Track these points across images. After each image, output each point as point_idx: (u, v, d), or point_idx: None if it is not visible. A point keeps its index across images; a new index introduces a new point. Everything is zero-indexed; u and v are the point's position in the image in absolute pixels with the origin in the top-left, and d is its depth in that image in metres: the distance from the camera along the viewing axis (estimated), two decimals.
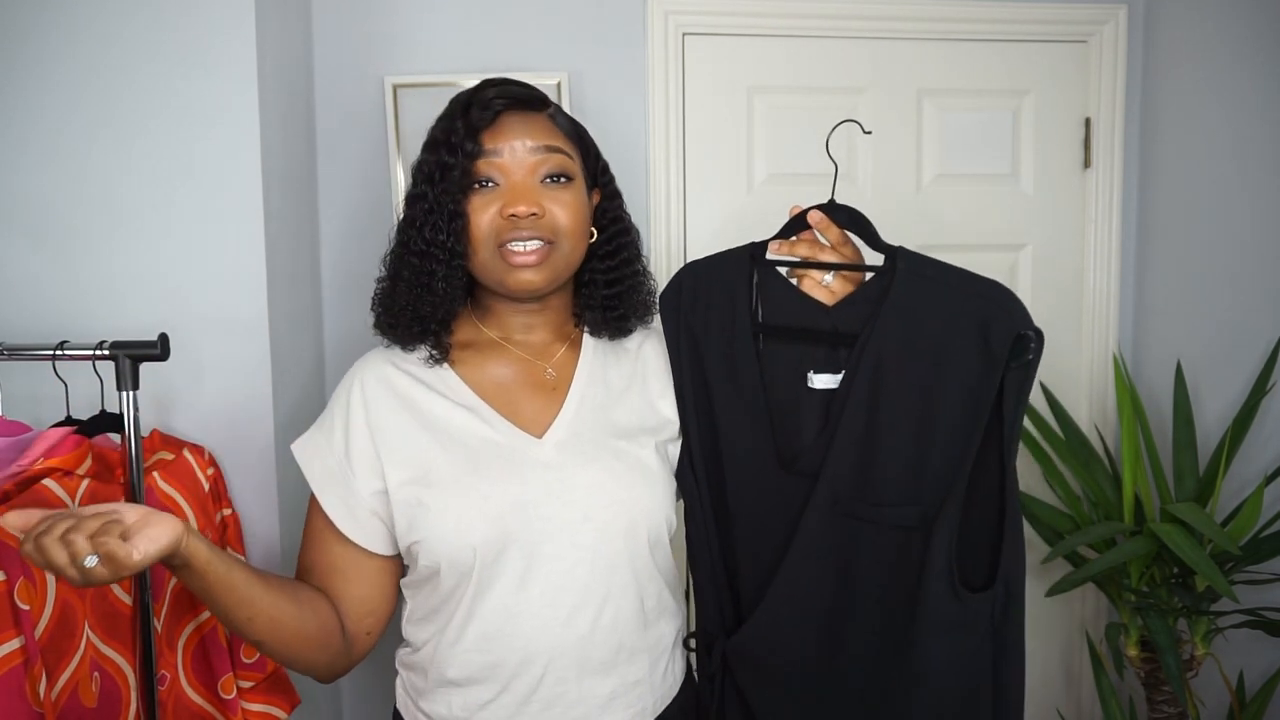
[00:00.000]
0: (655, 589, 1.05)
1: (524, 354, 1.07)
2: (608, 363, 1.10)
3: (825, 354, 1.00)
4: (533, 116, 1.01)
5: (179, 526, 0.81)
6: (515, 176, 0.99)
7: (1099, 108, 1.93)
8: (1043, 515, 1.76)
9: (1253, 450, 1.67)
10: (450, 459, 0.98)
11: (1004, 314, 0.90)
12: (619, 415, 1.06)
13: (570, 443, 1.02)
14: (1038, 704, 2.05)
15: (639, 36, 1.80)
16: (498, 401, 1.03)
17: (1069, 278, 1.97)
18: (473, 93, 1.01)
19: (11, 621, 0.95)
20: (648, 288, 1.12)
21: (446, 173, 0.97)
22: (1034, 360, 0.89)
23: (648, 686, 1.04)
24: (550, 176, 1.00)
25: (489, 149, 0.98)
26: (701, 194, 1.85)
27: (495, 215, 0.98)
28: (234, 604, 0.89)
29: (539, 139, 1.00)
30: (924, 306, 0.94)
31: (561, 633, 0.98)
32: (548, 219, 0.99)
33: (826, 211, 1.04)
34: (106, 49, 1.32)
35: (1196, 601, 1.57)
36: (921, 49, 1.88)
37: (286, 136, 1.52)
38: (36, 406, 1.26)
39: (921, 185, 1.91)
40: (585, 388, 1.06)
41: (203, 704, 1.27)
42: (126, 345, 1.14)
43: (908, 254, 0.96)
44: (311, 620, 0.97)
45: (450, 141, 0.98)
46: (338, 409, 1.03)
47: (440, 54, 1.74)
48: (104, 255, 1.34)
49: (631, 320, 1.11)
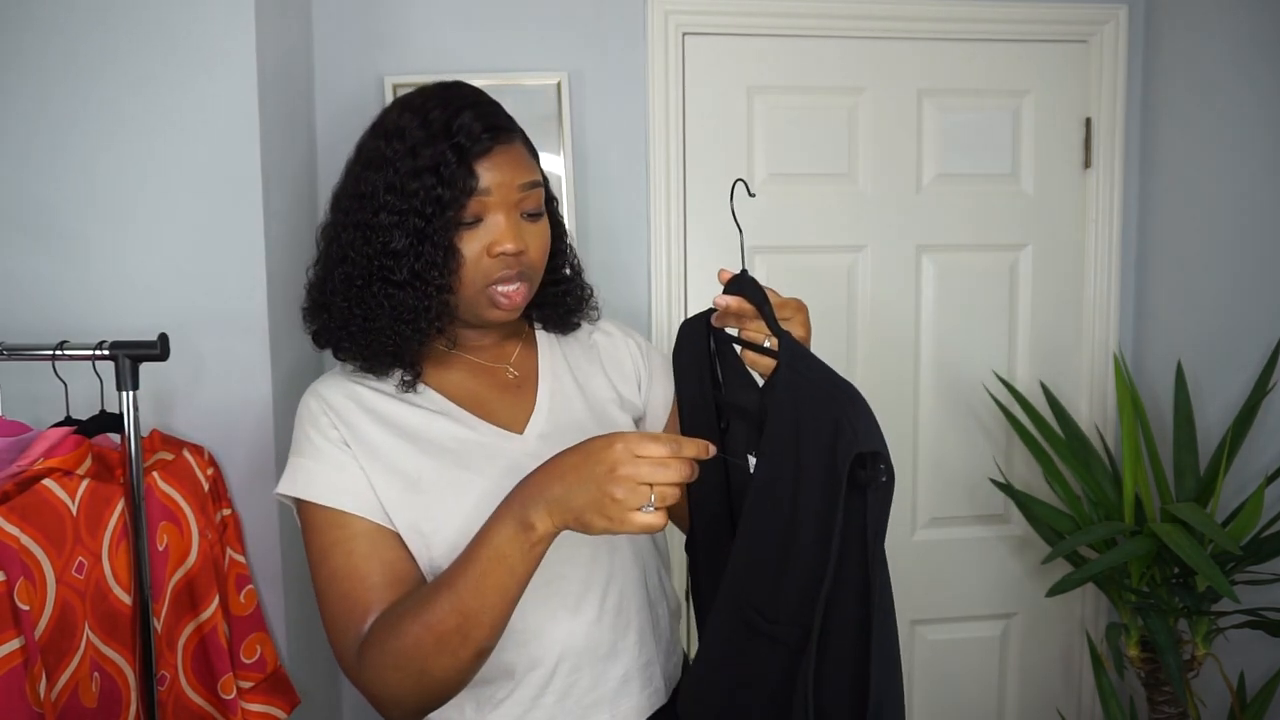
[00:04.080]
0: (655, 566, 1.07)
1: (481, 359, 1.07)
2: (566, 351, 1.12)
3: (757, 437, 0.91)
4: (514, 149, 0.99)
5: None
6: (500, 214, 0.97)
7: (1099, 108, 1.93)
8: (1043, 515, 1.76)
9: (1253, 450, 1.67)
10: (437, 463, 0.97)
11: (849, 429, 0.77)
12: (590, 397, 1.08)
13: (553, 433, 1.02)
14: (1038, 704, 2.05)
15: (639, 36, 1.80)
16: (470, 405, 1.03)
17: (1069, 278, 1.97)
18: (449, 113, 0.96)
19: (11, 621, 0.95)
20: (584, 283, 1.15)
21: (441, 207, 0.94)
22: (887, 484, 0.77)
23: (659, 666, 1.05)
24: (528, 212, 0.99)
25: (482, 187, 0.95)
26: (701, 194, 1.85)
27: (482, 253, 0.97)
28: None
29: (523, 175, 0.98)
30: (796, 408, 0.84)
31: (570, 621, 0.98)
32: (527, 255, 0.99)
33: (731, 283, 0.93)
34: (106, 49, 1.32)
35: (1197, 601, 1.57)
36: (921, 49, 1.88)
37: (286, 136, 1.52)
38: (36, 406, 1.26)
39: (921, 185, 1.91)
40: (553, 380, 1.08)
41: (202, 704, 1.27)
42: (126, 345, 1.14)
43: (788, 343, 0.86)
44: None
45: (440, 171, 0.94)
46: (311, 432, 0.98)
47: (440, 54, 1.74)
48: (104, 255, 1.34)
49: (580, 313, 1.14)
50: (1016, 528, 1.99)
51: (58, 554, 1.06)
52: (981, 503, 1.98)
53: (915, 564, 1.97)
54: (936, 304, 1.94)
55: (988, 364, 1.95)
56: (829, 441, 0.78)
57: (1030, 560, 1.99)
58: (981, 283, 1.95)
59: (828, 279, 1.88)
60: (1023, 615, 2.03)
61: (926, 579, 1.98)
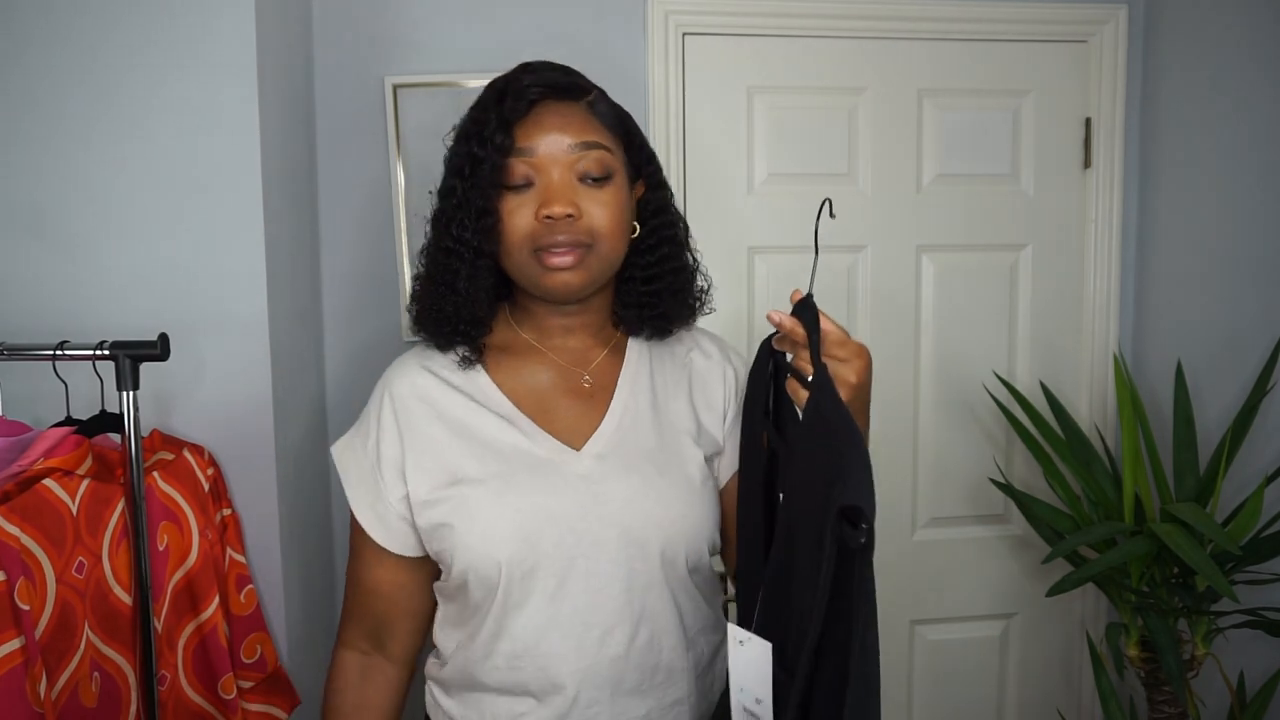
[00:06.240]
0: (693, 607, 1.00)
1: (561, 360, 1.02)
2: (654, 369, 1.04)
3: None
4: (570, 107, 0.94)
5: None
6: (551, 175, 0.92)
7: (1099, 108, 1.93)
8: (1043, 515, 1.76)
9: (1253, 450, 1.67)
10: (482, 468, 0.95)
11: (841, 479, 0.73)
12: (664, 423, 1.01)
13: (610, 456, 0.97)
14: (1038, 704, 2.05)
15: (639, 37, 1.80)
16: (534, 410, 0.99)
17: (1069, 278, 1.97)
18: (508, 78, 0.95)
19: (11, 621, 0.95)
20: (695, 284, 1.05)
21: (476, 167, 0.92)
22: (866, 546, 0.72)
23: (687, 706, 1.00)
24: (588, 175, 0.93)
25: (522, 146, 0.92)
26: (701, 194, 1.85)
27: (530, 217, 0.92)
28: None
29: (576, 134, 0.93)
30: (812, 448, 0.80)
31: (595, 653, 0.94)
32: (585, 220, 0.93)
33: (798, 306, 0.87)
34: (106, 48, 1.32)
35: (1197, 601, 1.57)
36: (921, 49, 1.88)
37: (286, 136, 1.52)
38: (36, 406, 1.26)
39: (921, 185, 1.91)
40: (629, 397, 1.01)
41: (203, 704, 1.27)
42: (126, 345, 1.14)
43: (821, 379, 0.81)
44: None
45: (481, 134, 0.92)
46: (372, 413, 1.01)
47: (440, 54, 1.74)
48: (104, 255, 1.34)
49: (672, 319, 1.03)
50: (1016, 528, 1.99)
51: (58, 554, 1.06)
52: (981, 503, 1.98)
53: (915, 564, 1.97)
54: (936, 304, 1.94)
55: (988, 364, 1.95)
56: (824, 490, 0.75)
57: (1030, 560, 1.99)
58: (981, 283, 1.95)
59: (828, 279, 1.88)
60: (1023, 615, 2.03)
61: (926, 579, 1.98)
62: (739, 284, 1.87)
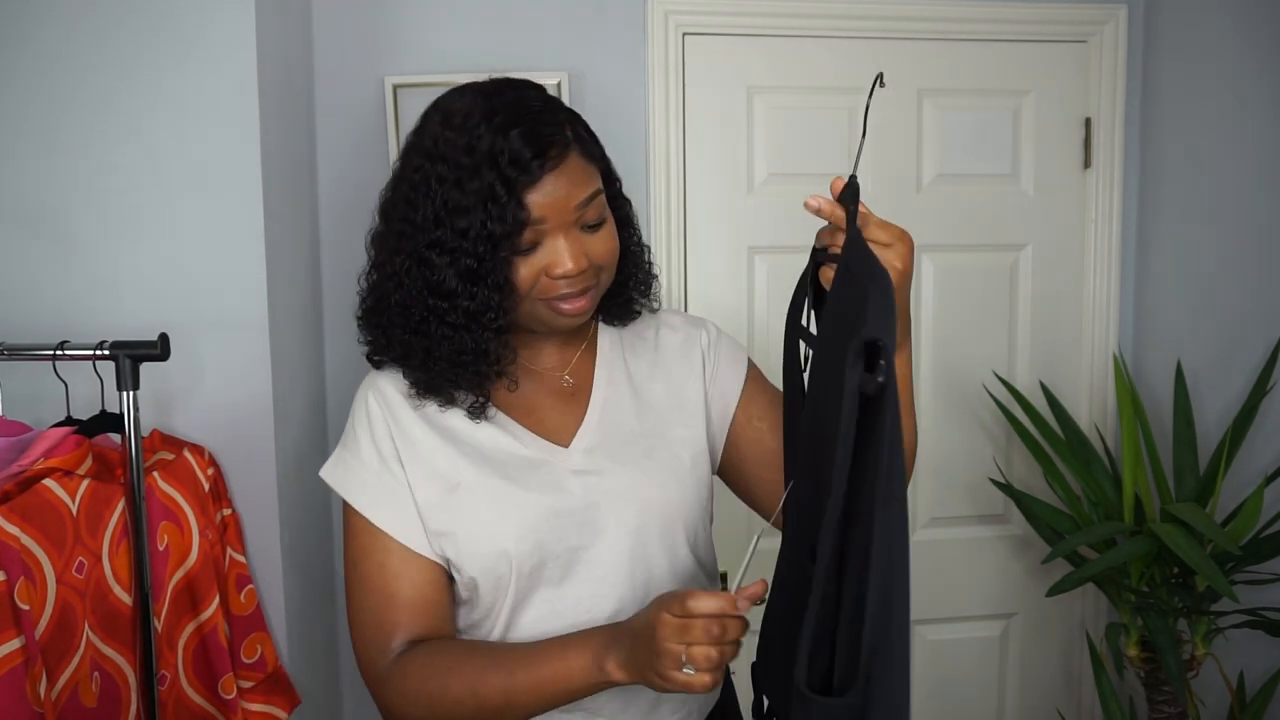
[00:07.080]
0: (695, 584, 1.02)
1: (536, 366, 1.03)
2: (628, 357, 1.06)
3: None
4: (569, 164, 0.91)
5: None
6: (559, 237, 0.91)
7: (1099, 108, 1.93)
8: (1043, 515, 1.76)
9: (1253, 450, 1.67)
10: (479, 471, 0.96)
11: (862, 317, 0.66)
12: (646, 407, 1.03)
13: (598, 448, 0.99)
14: (1038, 704, 2.05)
15: (639, 36, 1.80)
16: (519, 414, 1.00)
17: (1069, 278, 1.97)
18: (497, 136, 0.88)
19: (11, 621, 0.95)
20: (647, 262, 1.08)
21: (493, 244, 0.88)
22: (883, 385, 0.65)
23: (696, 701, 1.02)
24: (588, 223, 0.93)
25: (536, 217, 0.89)
26: (701, 194, 1.85)
27: (540, 274, 0.91)
28: None
29: (580, 191, 0.91)
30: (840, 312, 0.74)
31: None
32: (591, 265, 0.93)
33: (842, 192, 0.85)
34: (106, 48, 1.32)
35: (1197, 601, 1.57)
36: (921, 49, 1.88)
37: (287, 137, 1.52)
38: (36, 406, 1.26)
39: (921, 185, 1.91)
40: (606, 389, 1.03)
41: (203, 704, 1.27)
42: (126, 345, 1.14)
43: (855, 236, 0.77)
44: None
45: (488, 207, 0.87)
46: (359, 423, 0.99)
47: (440, 54, 1.74)
48: (104, 255, 1.34)
49: (634, 297, 1.05)
50: (1016, 528, 1.99)
51: (58, 554, 1.06)
52: (981, 503, 1.98)
53: (915, 564, 1.93)
54: (936, 304, 1.93)
55: (988, 364, 1.95)
56: (848, 342, 0.67)
57: (1030, 560, 1.99)
58: (981, 283, 1.95)
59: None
60: (1023, 615, 2.03)
61: (926, 579, 1.98)
62: (739, 284, 1.87)
